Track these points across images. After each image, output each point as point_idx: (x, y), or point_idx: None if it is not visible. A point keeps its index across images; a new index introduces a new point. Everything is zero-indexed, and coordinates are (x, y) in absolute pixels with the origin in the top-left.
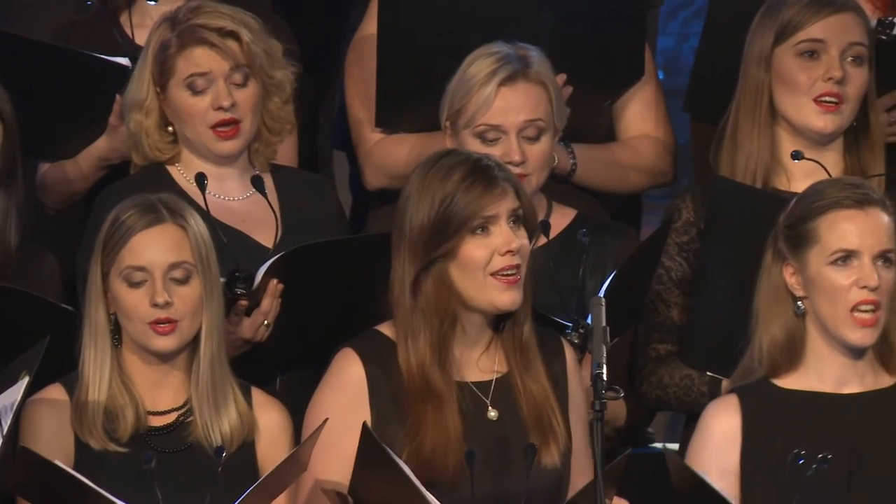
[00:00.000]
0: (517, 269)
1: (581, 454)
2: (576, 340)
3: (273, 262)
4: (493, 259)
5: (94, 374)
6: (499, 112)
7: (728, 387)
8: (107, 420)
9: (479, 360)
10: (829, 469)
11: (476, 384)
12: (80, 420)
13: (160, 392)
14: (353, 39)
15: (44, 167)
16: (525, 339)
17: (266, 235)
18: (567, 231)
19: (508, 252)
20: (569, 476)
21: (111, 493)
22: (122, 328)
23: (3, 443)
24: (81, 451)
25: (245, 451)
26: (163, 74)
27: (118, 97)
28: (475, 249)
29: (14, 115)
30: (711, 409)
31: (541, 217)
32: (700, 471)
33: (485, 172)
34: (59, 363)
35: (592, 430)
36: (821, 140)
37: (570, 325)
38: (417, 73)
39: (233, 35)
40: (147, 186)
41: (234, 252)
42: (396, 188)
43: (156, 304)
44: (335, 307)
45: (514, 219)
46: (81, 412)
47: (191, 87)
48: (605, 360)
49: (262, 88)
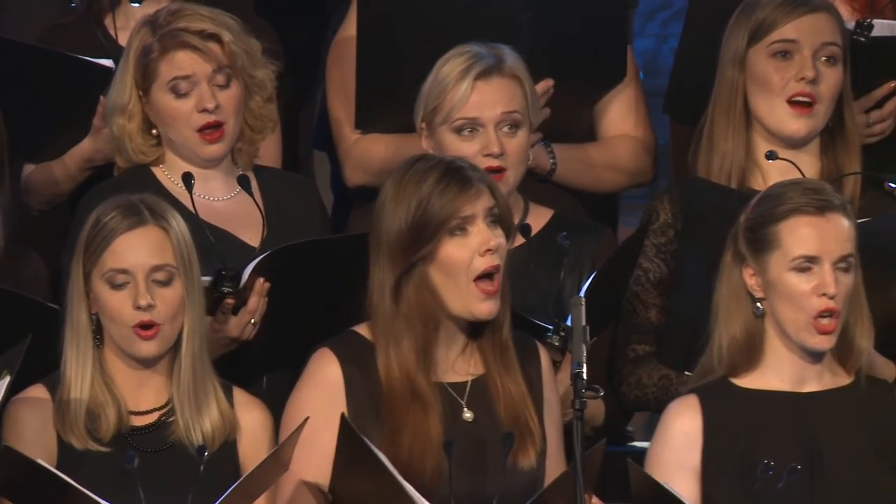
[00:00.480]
0: (497, 271)
1: (554, 457)
2: (556, 343)
3: (259, 262)
4: (474, 260)
5: (76, 374)
6: (476, 106)
7: (687, 387)
8: (89, 420)
9: (455, 362)
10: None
11: (452, 385)
12: (63, 420)
13: (142, 392)
14: (334, 41)
15: (28, 168)
16: (505, 342)
17: (252, 235)
18: (544, 231)
19: (488, 251)
20: (544, 478)
21: (94, 493)
22: (105, 329)
23: None
24: (64, 451)
25: (227, 451)
26: (146, 78)
27: (102, 99)
28: (455, 250)
29: None
30: (672, 410)
31: (518, 216)
32: (662, 479)
33: (459, 173)
34: (43, 362)
35: (572, 430)
36: (794, 143)
37: (551, 328)
38: (397, 75)
39: (214, 37)
40: (132, 188)
41: (221, 251)
42: (376, 185)
43: (139, 307)
44: (321, 306)
45: (492, 218)
46: (64, 412)
47: (174, 91)
48: (585, 360)
49: (244, 88)
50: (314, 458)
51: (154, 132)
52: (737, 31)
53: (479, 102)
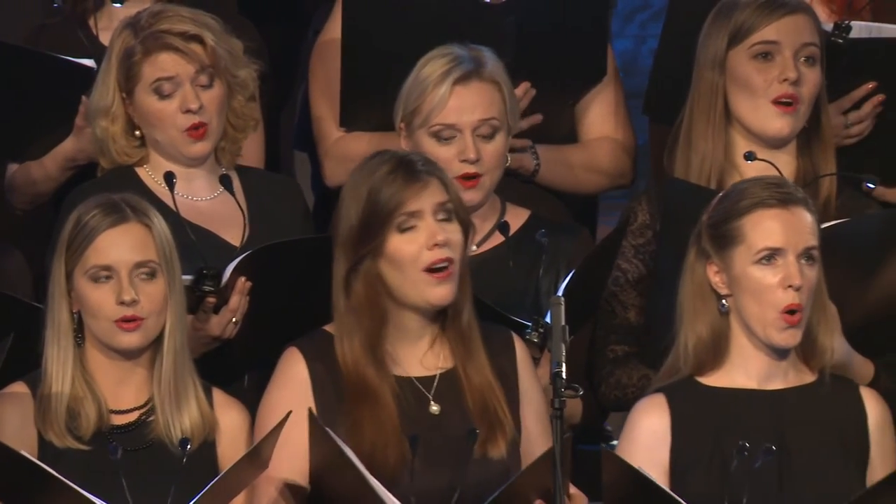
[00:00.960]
0: (448, 263)
1: (538, 445)
2: (535, 340)
3: (240, 261)
4: (423, 254)
5: (57, 373)
6: (454, 111)
7: (653, 386)
8: (69, 418)
9: (424, 357)
10: (760, 464)
11: (419, 379)
12: (43, 418)
13: (122, 390)
14: (318, 41)
15: (12, 168)
16: (464, 330)
17: (234, 234)
18: (521, 232)
19: (435, 245)
20: (517, 467)
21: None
22: (86, 326)
23: None
24: (44, 449)
25: (206, 450)
26: (129, 80)
27: (84, 98)
28: (403, 245)
29: None
30: (640, 408)
31: (495, 217)
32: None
33: (407, 166)
34: (26, 361)
35: (552, 428)
36: (775, 143)
37: (530, 325)
38: (381, 74)
39: (196, 38)
40: (115, 188)
41: (202, 250)
42: None
43: (122, 302)
44: (303, 305)
45: (443, 214)
46: (44, 410)
47: (158, 92)
48: (564, 359)
49: (227, 88)
50: (286, 456)
51: (137, 133)
52: (715, 34)
53: (458, 108)
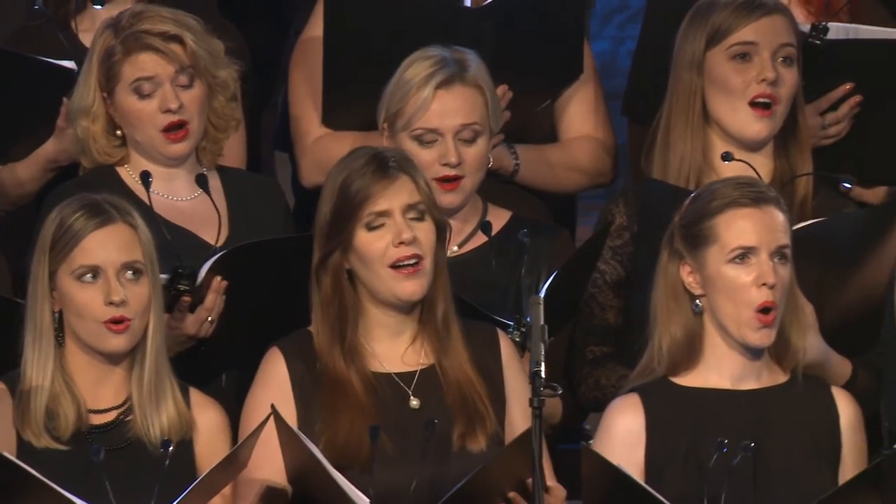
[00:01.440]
0: (416, 259)
1: None
2: (517, 339)
3: (216, 260)
4: (389, 250)
5: (37, 373)
6: (436, 115)
7: (626, 387)
8: (48, 418)
9: (406, 353)
10: (738, 461)
11: (399, 375)
12: (22, 418)
13: (101, 390)
14: (299, 41)
15: None
16: (438, 326)
17: (212, 234)
18: (503, 232)
19: (401, 243)
20: None
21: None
22: (69, 327)
23: None
24: (23, 450)
25: (183, 450)
26: (109, 80)
27: (65, 100)
28: (371, 242)
29: None
30: (614, 408)
31: (476, 218)
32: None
33: (381, 162)
34: (3, 358)
35: (532, 426)
36: (753, 146)
37: (512, 324)
38: (363, 74)
39: (176, 38)
40: (96, 187)
41: (179, 249)
42: None
43: (111, 303)
44: (280, 305)
45: (414, 213)
46: (23, 410)
47: (137, 91)
48: (543, 358)
49: (208, 88)
50: (265, 455)
51: (118, 133)
52: (692, 35)
53: (440, 112)
